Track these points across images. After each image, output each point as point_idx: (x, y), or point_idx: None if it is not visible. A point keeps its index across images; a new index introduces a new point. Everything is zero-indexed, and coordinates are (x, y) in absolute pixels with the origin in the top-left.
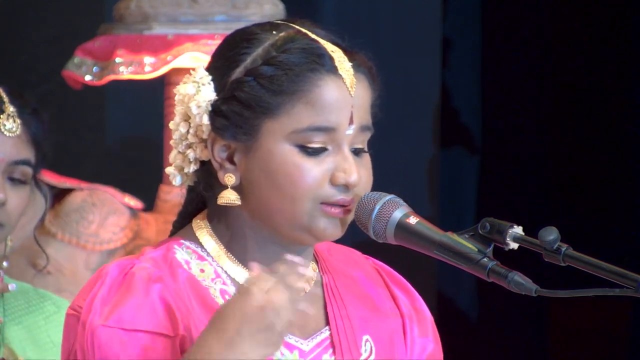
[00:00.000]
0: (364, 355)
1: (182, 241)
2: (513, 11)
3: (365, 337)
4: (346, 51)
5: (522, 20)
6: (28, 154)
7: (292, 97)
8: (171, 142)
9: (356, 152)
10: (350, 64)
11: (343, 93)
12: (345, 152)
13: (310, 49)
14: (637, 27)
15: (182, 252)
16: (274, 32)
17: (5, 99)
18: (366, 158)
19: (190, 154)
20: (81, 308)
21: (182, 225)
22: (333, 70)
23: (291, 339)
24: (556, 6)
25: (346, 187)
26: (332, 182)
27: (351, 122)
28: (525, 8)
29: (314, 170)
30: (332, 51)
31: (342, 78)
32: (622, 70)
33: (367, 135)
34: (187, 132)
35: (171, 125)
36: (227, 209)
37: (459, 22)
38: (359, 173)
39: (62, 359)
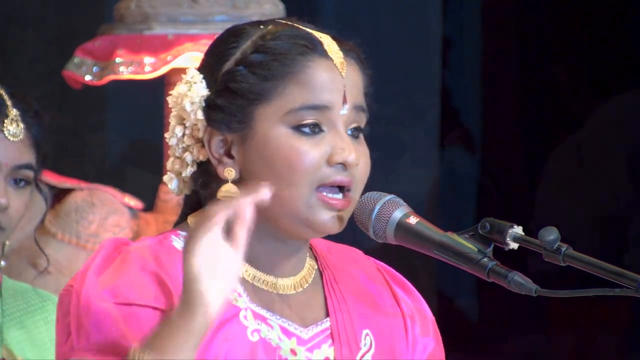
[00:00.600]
0: (364, 349)
1: (180, 232)
2: (513, 11)
3: (365, 332)
4: (334, 38)
5: (522, 20)
6: (30, 157)
7: (283, 80)
8: (169, 151)
9: (353, 135)
10: (339, 48)
11: (334, 74)
12: (341, 132)
13: (299, 35)
14: (637, 27)
15: (179, 242)
16: (261, 27)
17: (8, 102)
18: (363, 142)
19: (188, 156)
20: (72, 287)
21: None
22: (323, 53)
23: (290, 326)
24: (556, 6)
25: (344, 167)
26: (329, 162)
27: (345, 101)
28: (525, 8)
29: (311, 153)
30: (320, 37)
31: (332, 60)
32: (622, 70)
33: (363, 117)
34: (183, 135)
35: (167, 135)
36: None
37: (459, 22)
38: (356, 153)
39: (57, 342)
